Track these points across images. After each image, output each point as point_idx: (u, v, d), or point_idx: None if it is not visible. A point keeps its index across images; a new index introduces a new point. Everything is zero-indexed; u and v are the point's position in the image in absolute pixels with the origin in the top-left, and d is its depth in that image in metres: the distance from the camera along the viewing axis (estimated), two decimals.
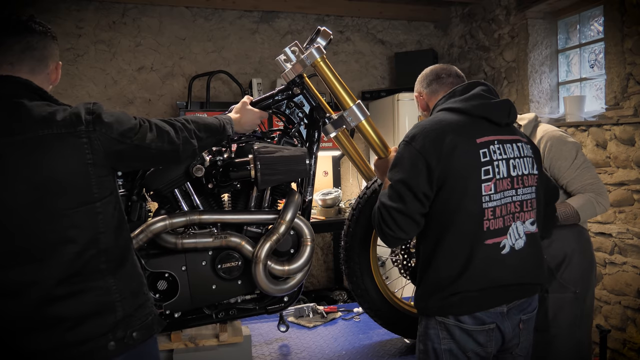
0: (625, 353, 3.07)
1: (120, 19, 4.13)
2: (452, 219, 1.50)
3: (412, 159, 1.50)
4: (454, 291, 1.50)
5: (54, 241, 1.21)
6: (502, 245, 1.51)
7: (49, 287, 1.20)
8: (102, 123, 1.27)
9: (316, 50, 1.84)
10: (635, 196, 2.98)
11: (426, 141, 1.50)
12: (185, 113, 3.88)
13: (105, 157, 1.27)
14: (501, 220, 1.51)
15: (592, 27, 3.58)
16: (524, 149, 1.60)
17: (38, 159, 1.19)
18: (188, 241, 1.75)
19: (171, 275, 1.77)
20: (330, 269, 4.70)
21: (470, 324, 1.51)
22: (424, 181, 1.49)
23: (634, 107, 2.96)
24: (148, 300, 1.38)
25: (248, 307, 1.90)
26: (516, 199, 1.54)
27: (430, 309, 1.55)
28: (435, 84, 1.75)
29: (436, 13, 4.82)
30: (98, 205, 1.26)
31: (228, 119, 1.71)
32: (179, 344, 1.91)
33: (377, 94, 4.47)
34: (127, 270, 1.33)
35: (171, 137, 1.41)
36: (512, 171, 1.54)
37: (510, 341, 1.58)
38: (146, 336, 1.32)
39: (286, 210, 1.80)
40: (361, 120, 1.88)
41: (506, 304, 1.54)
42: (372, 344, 2.17)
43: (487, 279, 1.50)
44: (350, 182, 4.69)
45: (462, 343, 1.52)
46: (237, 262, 1.80)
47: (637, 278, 2.98)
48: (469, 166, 1.49)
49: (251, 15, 4.45)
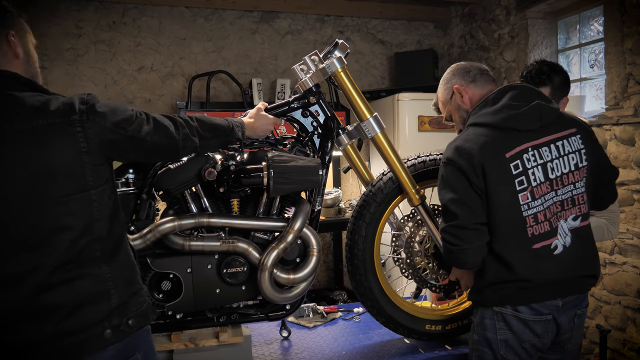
0: (625, 353, 3.07)
1: (120, 19, 4.13)
2: (495, 230, 1.58)
3: (455, 176, 1.58)
4: (510, 286, 1.57)
5: (49, 229, 1.21)
6: (553, 246, 1.58)
7: (44, 275, 1.20)
8: (95, 112, 1.27)
9: (338, 61, 1.90)
10: (635, 196, 2.98)
11: (462, 161, 1.57)
12: (186, 113, 3.86)
13: (99, 146, 1.27)
14: (547, 224, 1.58)
15: (592, 27, 3.58)
16: (566, 145, 1.63)
17: (33, 149, 1.19)
18: (195, 244, 1.75)
19: (176, 276, 1.77)
20: (330, 269, 4.70)
21: (527, 314, 1.57)
22: (474, 194, 1.56)
23: (634, 107, 2.96)
24: (142, 289, 1.38)
25: (250, 313, 1.90)
26: (557, 199, 1.60)
27: (487, 299, 1.61)
28: (481, 80, 1.77)
29: (436, 13, 4.82)
30: (93, 193, 1.26)
31: (239, 122, 1.71)
32: (179, 344, 1.91)
33: (377, 94, 4.47)
34: (121, 259, 1.33)
35: (170, 132, 1.41)
36: (550, 174, 1.59)
37: (564, 334, 1.63)
38: (142, 323, 1.32)
39: (295, 219, 1.79)
40: (377, 133, 1.94)
41: (561, 298, 1.59)
42: (372, 344, 2.17)
43: (541, 278, 1.56)
44: (350, 182, 4.69)
45: (518, 333, 1.58)
46: (243, 268, 1.80)
47: (637, 278, 2.98)
48: (502, 181, 1.55)
49: (251, 15, 4.45)
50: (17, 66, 1.30)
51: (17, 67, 1.29)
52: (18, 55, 1.30)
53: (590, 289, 1.72)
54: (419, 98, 4.05)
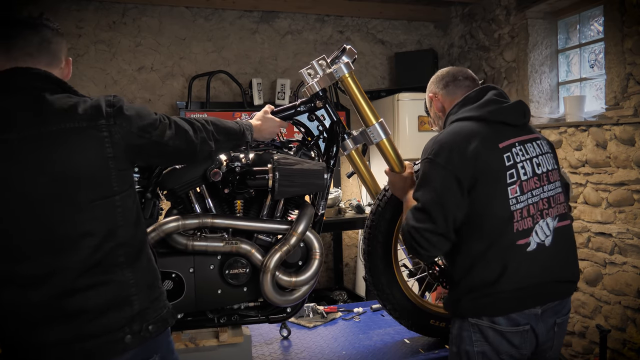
0: (625, 353, 3.07)
1: (120, 19, 4.13)
2: (482, 224, 1.52)
3: (440, 177, 1.52)
4: (488, 293, 1.51)
5: (73, 233, 1.22)
6: (528, 242, 1.53)
7: (70, 278, 1.21)
8: (122, 116, 1.28)
9: (345, 66, 1.92)
10: (635, 196, 2.98)
11: (450, 155, 1.52)
12: (186, 113, 3.88)
13: (125, 151, 1.28)
14: (530, 220, 1.53)
15: (592, 27, 3.58)
16: (543, 146, 1.64)
17: (59, 151, 1.20)
18: (199, 244, 1.75)
19: (178, 275, 1.77)
20: (330, 269, 4.70)
21: (504, 325, 1.51)
22: (457, 195, 1.51)
23: (634, 107, 2.96)
24: (162, 293, 1.39)
25: (250, 314, 1.90)
26: (544, 195, 1.57)
27: (463, 311, 1.55)
28: (453, 86, 1.77)
29: (436, 13, 4.82)
30: (117, 199, 1.27)
31: (249, 125, 1.73)
32: (179, 344, 1.91)
33: (377, 94, 4.47)
34: (143, 264, 1.34)
35: (189, 137, 1.43)
36: (537, 169, 1.57)
37: (544, 344, 1.58)
38: (161, 329, 1.33)
39: (299, 222, 1.80)
40: (382, 139, 1.96)
41: (540, 306, 1.54)
42: (372, 344, 2.17)
43: (520, 278, 1.51)
44: (350, 183, 4.69)
45: (495, 345, 1.52)
46: (245, 269, 1.80)
47: (637, 278, 2.98)
48: (495, 171, 1.52)
49: (251, 15, 4.45)
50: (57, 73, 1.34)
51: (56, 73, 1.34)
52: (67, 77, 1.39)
53: (572, 295, 1.65)
54: (419, 98, 4.05)
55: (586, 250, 3.31)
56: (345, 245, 4.72)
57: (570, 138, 3.38)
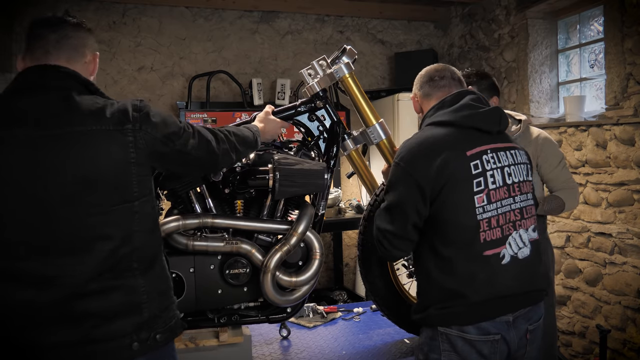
0: (625, 353, 3.07)
1: (120, 19, 4.13)
2: (447, 233, 1.49)
3: (403, 182, 1.51)
4: (456, 302, 1.47)
5: (89, 237, 1.21)
6: (501, 255, 1.48)
7: (82, 281, 1.20)
8: (149, 122, 1.28)
9: (345, 66, 1.93)
10: (635, 196, 2.98)
11: (415, 161, 1.50)
12: (186, 113, 3.88)
13: (148, 157, 1.28)
14: (499, 230, 1.48)
15: (592, 27, 3.58)
16: (518, 155, 1.59)
17: (83, 153, 1.20)
18: (199, 244, 1.75)
19: (178, 275, 1.77)
20: (330, 269, 4.70)
21: (474, 334, 1.46)
22: (418, 201, 1.49)
23: (634, 107, 2.96)
24: (173, 302, 1.38)
25: (250, 315, 1.90)
26: (515, 206, 1.53)
27: (431, 319, 1.51)
28: (428, 87, 1.73)
29: (436, 13, 4.83)
30: (136, 204, 1.26)
31: (257, 130, 1.73)
32: (179, 344, 1.91)
33: (377, 94, 4.47)
34: (157, 272, 1.33)
35: (212, 147, 1.43)
36: (507, 179, 1.52)
37: (517, 352, 1.54)
38: (169, 339, 1.32)
39: (299, 222, 1.80)
40: (382, 139, 1.96)
41: (512, 313, 1.50)
42: (372, 344, 2.17)
43: (490, 289, 1.46)
44: (350, 183, 4.69)
45: (464, 355, 1.47)
46: (245, 269, 1.80)
47: (637, 278, 2.98)
48: (460, 180, 1.47)
49: (251, 15, 4.45)
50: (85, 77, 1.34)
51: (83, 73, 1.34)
52: (93, 72, 1.39)
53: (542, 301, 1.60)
54: None
55: (586, 250, 3.31)
56: (345, 245, 4.72)
57: (570, 138, 3.38)
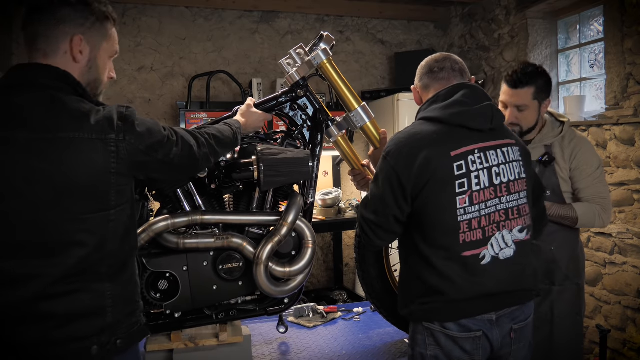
0: (625, 353, 3.07)
1: (120, 19, 4.12)
2: (427, 232, 1.50)
3: (387, 175, 1.52)
4: (437, 299, 1.48)
5: (63, 242, 1.20)
6: (481, 256, 1.47)
7: (47, 283, 1.19)
8: (133, 132, 1.26)
9: (323, 52, 1.89)
10: (635, 196, 2.98)
11: (399, 157, 1.50)
12: (185, 113, 3.88)
13: (129, 167, 1.27)
14: (480, 232, 1.47)
15: (592, 27, 3.58)
16: (510, 153, 1.55)
17: (64, 160, 1.19)
18: (190, 241, 1.75)
19: (172, 275, 1.77)
20: (330, 269, 4.70)
21: (455, 330, 1.48)
22: (399, 197, 1.50)
23: (634, 107, 2.96)
24: (138, 308, 1.36)
25: (248, 308, 1.90)
26: (501, 207, 1.51)
27: (415, 315, 1.53)
28: (427, 79, 1.72)
29: (436, 13, 4.83)
30: (112, 213, 1.26)
31: (238, 125, 1.72)
32: (178, 344, 1.91)
33: (377, 94, 4.47)
34: (126, 277, 1.32)
35: (193, 152, 1.42)
36: (495, 179, 1.50)
37: (500, 350, 1.54)
38: (128, 345, 1.31)
39: (288, 212, 1.80)
40: (366, 122, 1.94)
41: (495, 312, 1.50)
42: (372, 344, 2.17)
43: (470, 288, 1.47)
44: (350, 183, 4.68)
45: (447, 350, 1.49)
46: (239, 263, 1.80)
47: (637, 278, 2.98)
48: (442, 180, 1.46)
49: (251, 15, 4.45)
50: (74, 69, 1.28)
51: (73, 70, 1.28)
52: (77, 59, 1.28)
53: (531, 301, 1.59)
54: None
55: (586, 250, 3.31)
56: (345, 245, 4.72)
57: None
